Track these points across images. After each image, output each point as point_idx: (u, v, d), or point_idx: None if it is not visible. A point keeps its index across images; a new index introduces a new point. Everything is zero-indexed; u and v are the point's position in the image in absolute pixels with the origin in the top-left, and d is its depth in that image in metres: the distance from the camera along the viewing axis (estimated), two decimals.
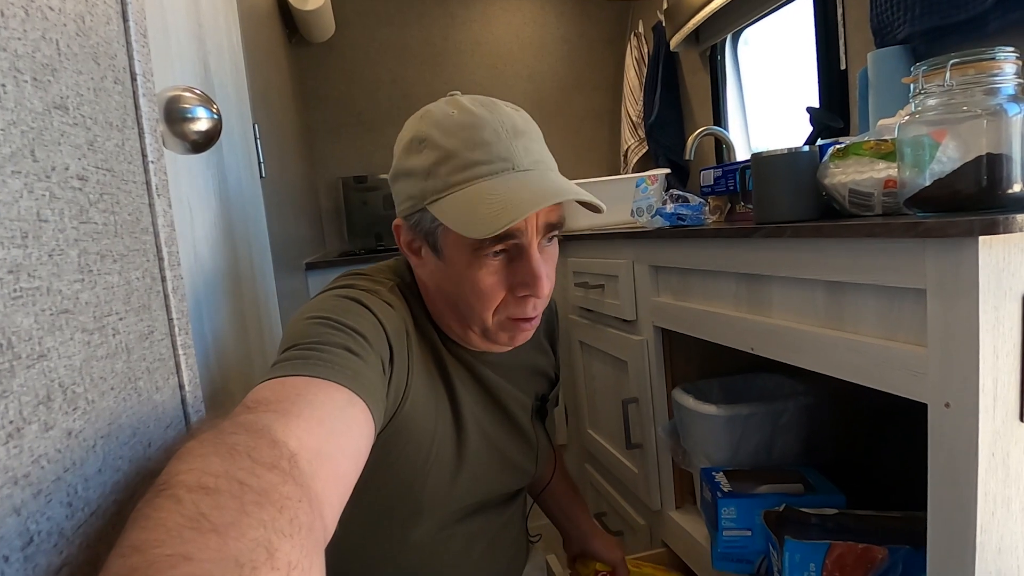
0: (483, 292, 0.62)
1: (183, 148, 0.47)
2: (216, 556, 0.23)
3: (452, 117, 0.61)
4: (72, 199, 0.28)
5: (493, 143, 0.60)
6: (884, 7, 1.15)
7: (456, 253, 0.62)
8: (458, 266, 0.62)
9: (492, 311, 0.63)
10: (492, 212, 0.56)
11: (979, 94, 0.56)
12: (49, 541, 0.23)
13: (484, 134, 0.60)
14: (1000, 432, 0.54)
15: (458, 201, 0.59)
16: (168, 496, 0.26)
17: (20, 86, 0.24)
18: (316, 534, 0.29)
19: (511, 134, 0.61)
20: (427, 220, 0.62)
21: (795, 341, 0.77)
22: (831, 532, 0.82)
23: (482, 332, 0.66)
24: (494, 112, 0.62)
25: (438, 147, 0.60)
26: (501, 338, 0.66)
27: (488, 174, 0.59)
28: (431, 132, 0.61)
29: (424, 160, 0.61)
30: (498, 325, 0.65)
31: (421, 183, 0.61)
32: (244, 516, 0.25)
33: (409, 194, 0.63)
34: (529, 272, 0.61)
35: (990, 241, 0.52)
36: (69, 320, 0.26)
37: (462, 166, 0.59)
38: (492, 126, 0.60)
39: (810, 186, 0.79)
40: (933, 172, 0.59)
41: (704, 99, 2.02)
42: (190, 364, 0.39)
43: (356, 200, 2.28)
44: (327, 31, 2.12)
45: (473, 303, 0.63)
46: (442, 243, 0.62)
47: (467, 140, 0.60)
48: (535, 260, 0.61)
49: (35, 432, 0.23)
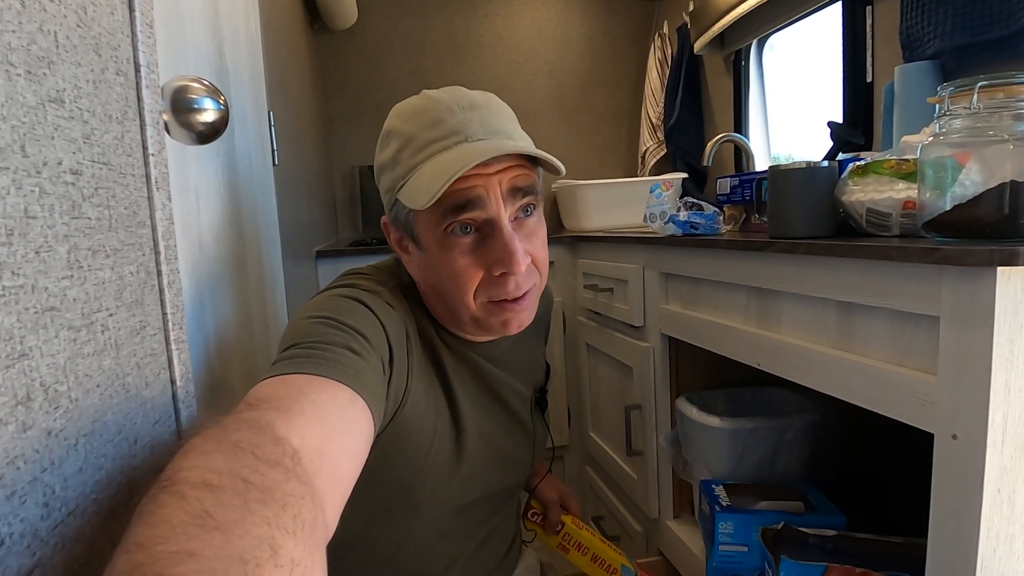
0: (458, 273, 0.61)
1: (189, 139, 0.46)
2: (220, 553, 0.23)
3: (412, 105, 0.63)
4: (64, 194, 0.27)
5: (446, 119, 0.60)
6: (914, 21, 1.12)
7: (428, 238, 0.62)
8: (433, 251, 0.62)
9: (472, 294, 0.62)
10: (434, 178, 0.56)
11: (1007, 118, 0.55)
12: (21, 543, 0.23)
13: (439, 113, 0.60)
14: (1007, 468, 0.53)
15: (415, 181, 0.59)
16: (172, 493, 0.26)
17: (12, 80, 0.24)
18: (319, 532, 0.29)
19: (466, 109, 0.61)
20: (401, 210, 0.63)
21: (803, 360, 0.76)
22: (829, 554, 0.80)
23: (472, 320, 0.64)
24: (453, 93, 0.62)
25: (400, 135, 0.62)
26: (494, 324, 0.64)
27: (441, 149, 0.59)
28: (394, 123, 0.63)
29: (390, 151, 0.62)
30: (484, 309, 0.63)
31: (391, 174, 0.63)
32: (248, 513, 0.25)
33: (385, 188, 0.64)
34: (501, 247, 0.59)
35: (1009, 272, 0.50)
36: (54, 318, 0.26)
37: (419, 147, 0.60)
38: (447, 104, 0.61)
39: (827, 202, 0.77)
40: (955, 196, 0.57)
41: (726, 104, 1.99)
42: (183, 359, 0.39)
43: (372, 189, 2.25)
44: (349, 18, 2.11)
45: (452, 288, 0.62)
46: (417, 231, 0.63)
47: (423, 122, 0.60)
48: (505, 233, 0.59)
49: (11, 433, 0.23)
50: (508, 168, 0.60)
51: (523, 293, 0.63)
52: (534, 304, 0.66)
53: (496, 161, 0.59)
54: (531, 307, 0.65)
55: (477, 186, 0.58)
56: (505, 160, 0.59)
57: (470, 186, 0.58)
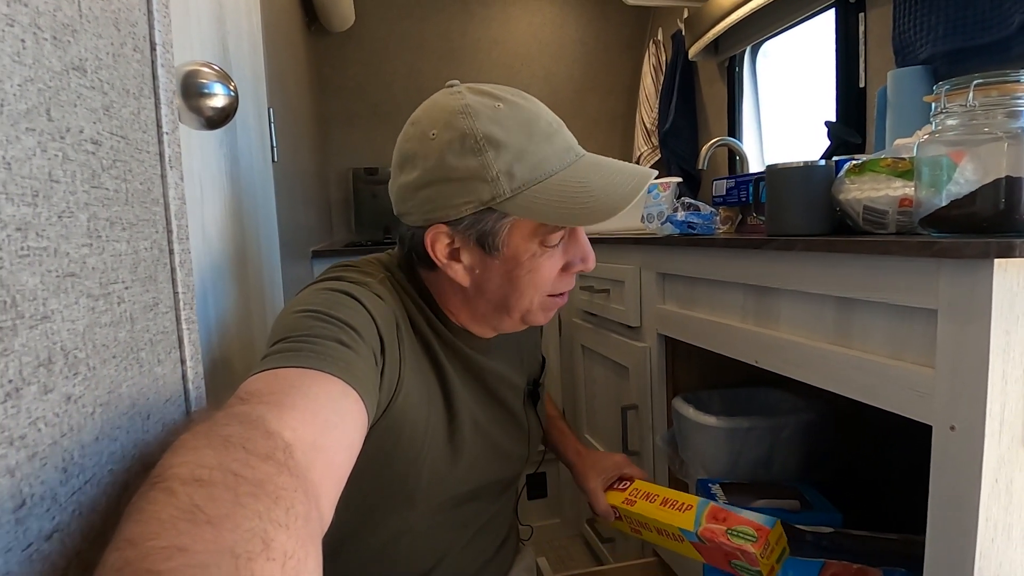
0: (547, 278, 0.65)
1: (198, 123, 0.46)
2: (211, 547, 0.23)
3: (500, 111, 0.61)
4: (85, 162, 0.27)
5: (554, 134, 0.63)
6: (907, 26, 1.14)
7: (521, 247, 0.63)
8: (522, 259, 0.64)
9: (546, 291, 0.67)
10: (594, 199, 0.60)
11: (1001, 116, 0.56)
12: (42, 505, 0.23)
13: (542, 125, 0.62)
14: (1005, 458, 0.53)
15: (542, 195, 0.60)
16: (162, 489, 0.25)
17: (40, 43, 0.24)
18: (312, 524, 0.29)
19: (559, 122, 0.65)
20: (491, 219, 0.61)
21: (801, 356, 0.76)
22: (826, 550, 0.81)
23: (522, 316, 0.68)
24: (530, 101, 0.64)
25: (501, 144, 0.59)
26: (538, 317, 0.69)
27: (563, 166, 0.62)
28: (490, 129, 0.59)
29: (487, 160, 0.59)
30: (539, 305, 0.67)
31: (483, 184, 0.59)
32: (239, 507, 0.25)
33: (465, 199, 0.60)
34: (584, 249, 0.66)
35: (1005, 264, 0.51)
36: (75, 284, 0.26)
37: (537, 162, 0.61)
38: (544, 117, 0.63)
39: (824, 200, 0.78)
40: (950, 193, 0.58)
41: (720, 110, 2.01)
42: (192, 339, 0.39)
43: (366, 192, 2.27)
44: (347, 21, 2.12)
45: (530, 292, 0.65)
46: (505, 240, 0.62)
47: (531, 134, 0.61)
48: (584, 236, 0.67)
49: (34, 394, 0.22)
50: None
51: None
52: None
53: None
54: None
55: None
56: None
57: None
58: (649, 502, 0.81)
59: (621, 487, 0.88)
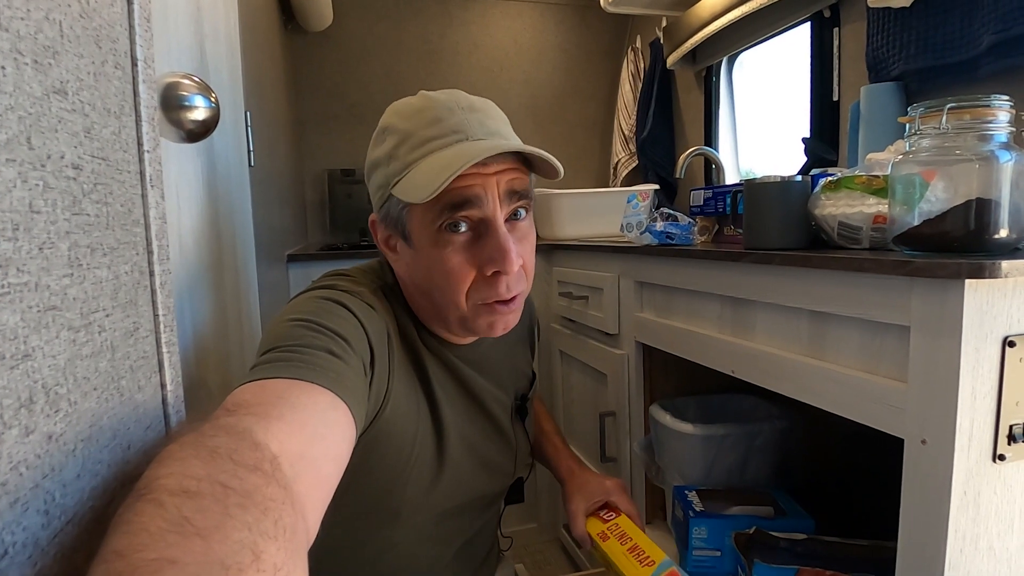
0: (451, 271, 0.61)
1: (178, 136, 0.45)
2: (201, 559, 0.22)
3: (411, 104, 0.64)
4: (66, 189, 0.26)
5: (446, 118, 0.61)
6: (880, 44, 1.17)
7: (421, 235, 0.62)
8: (425, 248, 0.62)
9: (464, 293, 0.62)
10: (435, 173, 0.57)
11: (972, 139, 0.58)
12: (24, 553, 0.22)
13: (438, 112, 0.61)
14: (973, 471, 0.55)
15: (413, 176, 0.59)
16: (150, 500, 0.25)
17: (20, 69, 0.23)
18: (299, 536, 0.29)
19: (465, 110, 0.62)
20: (394, 206, 0.63)
21: (776, 367, 0.78)
22: (799, 557, 0.83)
23: (459, 320, 0.64)
24: (452, 95, 0.64)
25: (397, 131, 0.62)
26: (480, 325, 0.64)
27: (441, 146, 0.60)
28: (391, 120, 0.64)
29: (386, 147, 0.63)
30: (474, 310, 0.63)
31: (385, 170, 0.63)
32: (228, 519, 0.25)
33: (378, 184, 0.64)
34: (496, 246, 0.60)
35: (976, 284, 0.53)
36: (56, 317, 0.25)
37: (417, 143, 0.60)
38: (446, 104, 0.62)
39: (800, 215, 0.80)
40: (922, 211, 0.60)
41: (696, 118, 2.04)
42: (173, 362, 0.38)
43: (341, 193, 2.24)
44: (324, 20, 2.09)
45: (444, 286, 0.62)
46: (409, 228, 0.63)
47: (422, 120, 0.61)
48: (500, 233, 0.60)
49: (15, 437, 0.22)
50: (506, 170, 0.61)
51: (513, 296, 0.63)
52: (520, 308, 0.67)
53: (495, 162, 0.60)
54: (518, 311, 0.66)
55: (475, 185, 0.59)
56: (503, 162, 0.60)
57: (468, 184, 0.59)
58: (620, 543, 0.80)
59: (606, 516, 0.86)
